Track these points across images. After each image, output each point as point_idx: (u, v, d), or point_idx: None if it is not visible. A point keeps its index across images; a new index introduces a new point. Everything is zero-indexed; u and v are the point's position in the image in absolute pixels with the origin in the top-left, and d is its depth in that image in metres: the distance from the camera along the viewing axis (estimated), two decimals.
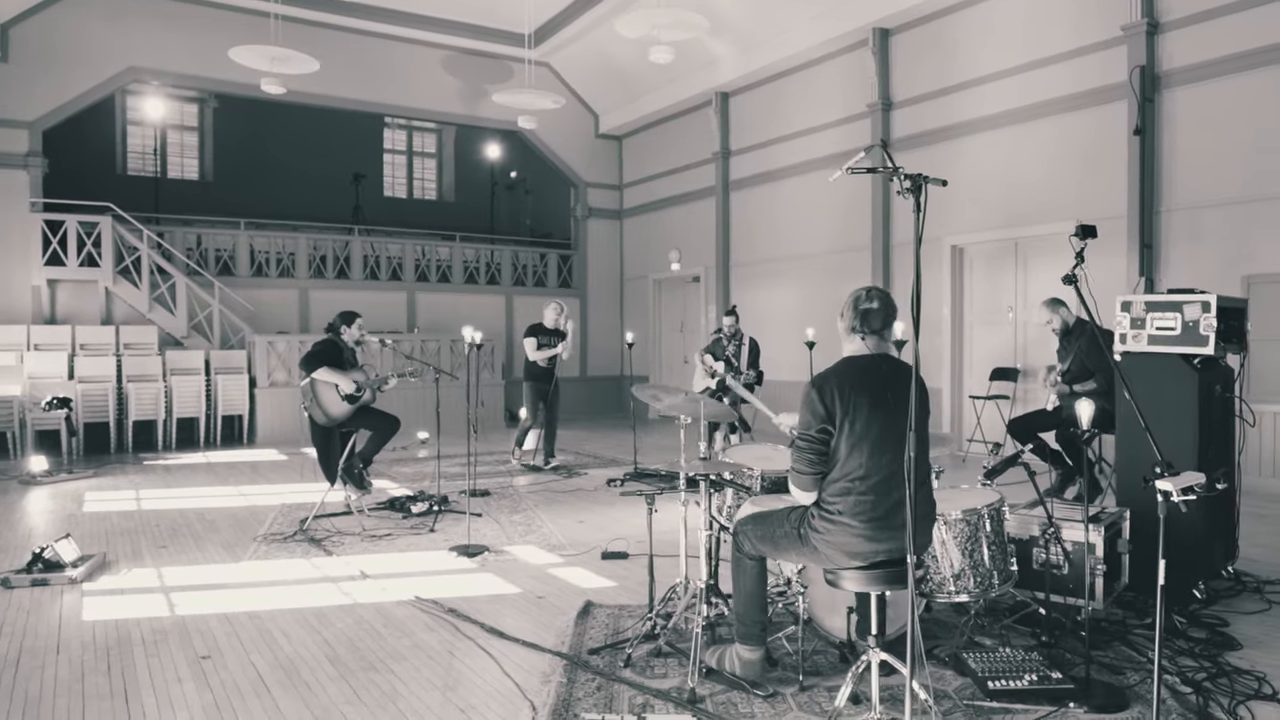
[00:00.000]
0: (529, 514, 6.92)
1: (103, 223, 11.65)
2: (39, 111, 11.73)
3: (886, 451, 2.90)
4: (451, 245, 15.25)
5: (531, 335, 9.04)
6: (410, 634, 4.11)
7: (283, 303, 13.46)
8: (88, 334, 11.62)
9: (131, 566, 5.39)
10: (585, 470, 9.17)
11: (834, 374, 3.01)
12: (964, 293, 10.07)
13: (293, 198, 16.08)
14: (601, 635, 4.02)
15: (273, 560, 5.52)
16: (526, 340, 9.03)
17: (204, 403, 11.48)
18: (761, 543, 3.24)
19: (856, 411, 2.92)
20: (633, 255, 16.05)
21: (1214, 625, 4.03)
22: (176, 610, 4.53)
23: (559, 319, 9.06)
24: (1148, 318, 4.61)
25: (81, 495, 7.93)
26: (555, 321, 9.06)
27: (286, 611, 4.47)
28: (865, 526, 2.91)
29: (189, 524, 6.65)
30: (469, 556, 5.50)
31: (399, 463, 9.79)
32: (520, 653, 3.85)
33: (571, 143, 15.76)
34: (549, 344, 8.97)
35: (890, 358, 3.08)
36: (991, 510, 3.55)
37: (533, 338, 9.02)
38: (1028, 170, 9.16)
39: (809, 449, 2.99)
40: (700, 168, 13.88)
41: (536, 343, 8.98)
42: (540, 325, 9.11)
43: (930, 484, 3.11)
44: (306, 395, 6.26)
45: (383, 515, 6.81)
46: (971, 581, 3.49)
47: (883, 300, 3.07)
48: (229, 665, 3.74)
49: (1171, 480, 2.48)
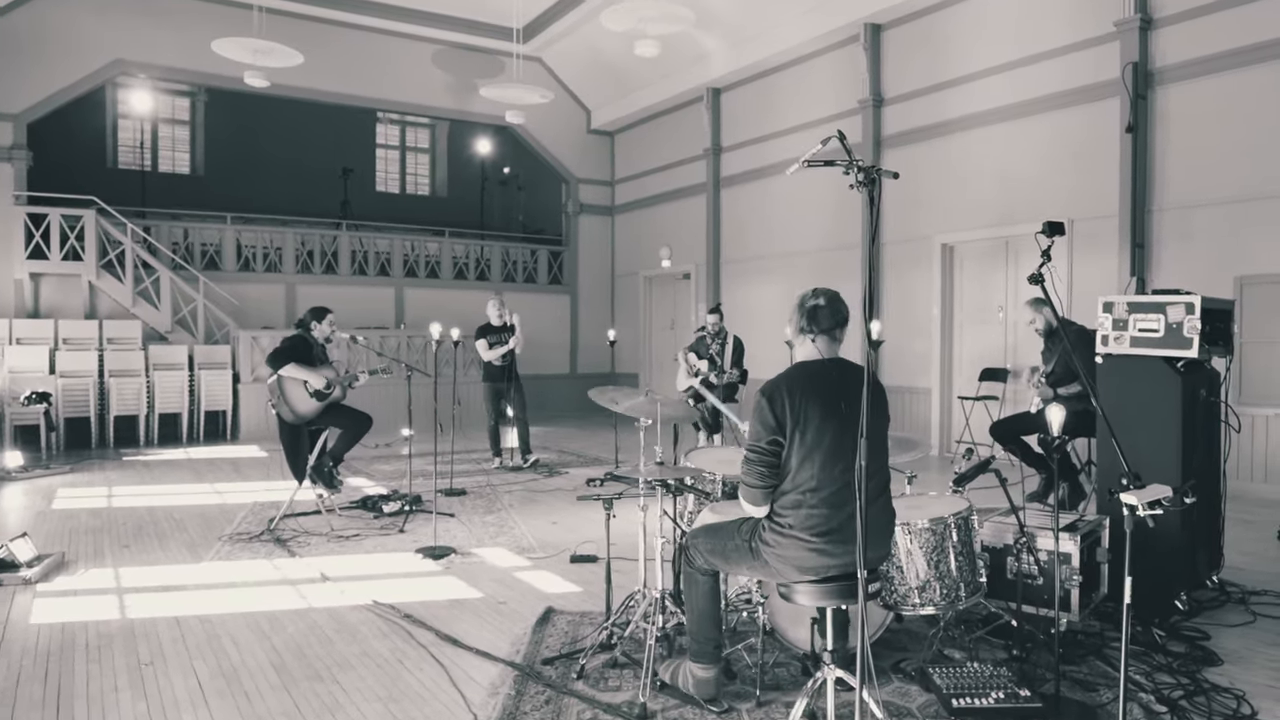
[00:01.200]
0: (503, 514, 6.78)
1: (86, 216, 11.51)
2: (24, 104, 11.59)
3: (839, 462, 2.75)
4: (441, 241, 15.10)
5: (480, 336, 8.89)
6: (362, 641, 3.98)
7: (269, 298, 13.32)
8: (71, 328, 11.48)
9: (90, 567, 5.27)
10: (567, 469, 9.03)
11: (784, 381, 2.85)
12: (954, 292, 9.93)
13: (284, 192, 15.94)
14: (559, 644, 3.89)
15: (234, 561, 5.39)
16: (478, 343, 8.88)
17: (187, 398, 11.36)
18: (713, 556, 3.09)
19: (808, 421, 2.77)
20: (624, 252, 15.90)
21: (1195, 639, 3.89)
22: (127, 613, 4.39)
23: (502, 313, 8.86)
24: (1130, 319, 4.47)
25: (54, 492, 7.80)
26: (500, 317, 8.86)
27: (239, 615, 4.34)
28: (817, 540, 2.77)
29: (156, 522, 6.52)
30: (434, 559, 5.37)
31: (380, 460, 9.66)
32: (472, 662, 3.71)
33: (563, 138, 15.61)
34: (500, 341, 8.81)
35: (843, 361, 2.93)
36: (959, 519, 3.40)
37: (482, 339, 8.87)
38: (1020, 168, 9.01)
39: (759, 461, 2.84)
40: (692, 164, 13.73)
41: (488, 343, 8.84)
42: (488, 324, 8.94)
43: (889, 494, 2.95)
44: (274, 393, 6.12)
45: (354, 515, 6.68)
46: (937, 593, 3.35)
47: (830, 298, 2.92)
48: (170, 673, 3.61)
49: (1137, 493, 2.34)
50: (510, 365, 8.86)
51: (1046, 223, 3.18)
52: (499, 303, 8.95)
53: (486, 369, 8.96)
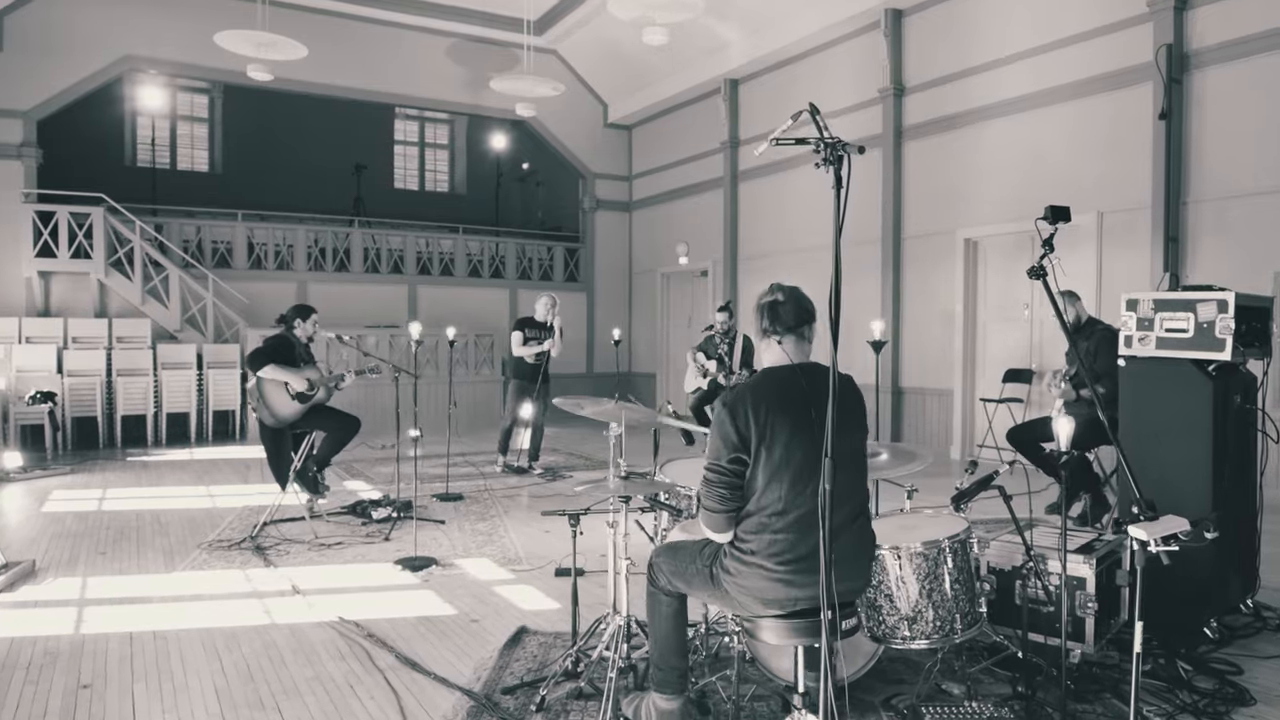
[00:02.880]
0: (495, 521, 6.51)
1: (94, 214, 11.42)
2: (34, 101, 11.53)
3: (811, 482, 2.42)
4: (455, 238, 14.90)
5: (518, 328, 8.42)
6: (317, 663, 3.72)
7: (280, 296, 13.12)
8: (80, 327, 11.42)
9: (59, 575, 5.07)
10: (572, 473, 8.75)
11: (748, 391, 2.53)
12: (977, 288, 9.51)
13: (301, 190, 15.82)
14: (524, 669, 3.60)
15: (207, 571, 5.17)
16: (513, 334, 8.41)
17: (195, 398, 11.25)
18: (675, 578, 2.77)
19: (774, 436, 2.45)
20: (641, 248, 15.59)
21: (1225, 673, 3.51)
22: (82, 628, 4.18)
23: (550, 313, 8.35)
24: (1156, 318, 4.08)
25: (49, 494, 7.67)
26: (546, 315, 8.36)
27: (196, 632, 4.10)
28: (782, 569, 2.44)
29: (140, 527, 6.34)
30: (413, 570, 5.10)
31: (382, 462, 9.44)
32: (428, 689, 3.44)
33: (579, 133, 15.32)
34: (536, 339, 8.37)
35: (815, 367, 2.60)
36: (955, 543, 3.05)
37: (519, 331, 8.39)
38: (1046, 158, 8.57)
39: (719, 482, 2.52)
40: (709, 158, 13.38)
41: (523, 336, 8.35)
42: (530, 319, 8.48)
43: (867, 516, 2.62)
44: (253, 396, 5.90)
45: (342, 521, 6.45)
46: (930, 625, 3.01)
47: (789, 293, 2.61)
48: (106, 697, 3.37)
49: (1148, 526, 2.00)
50: (544, 366, 8.35)
51: (1049, 207, 2.82)
52: (550, 300, 8.40)
53: (517, 365, 8.45)
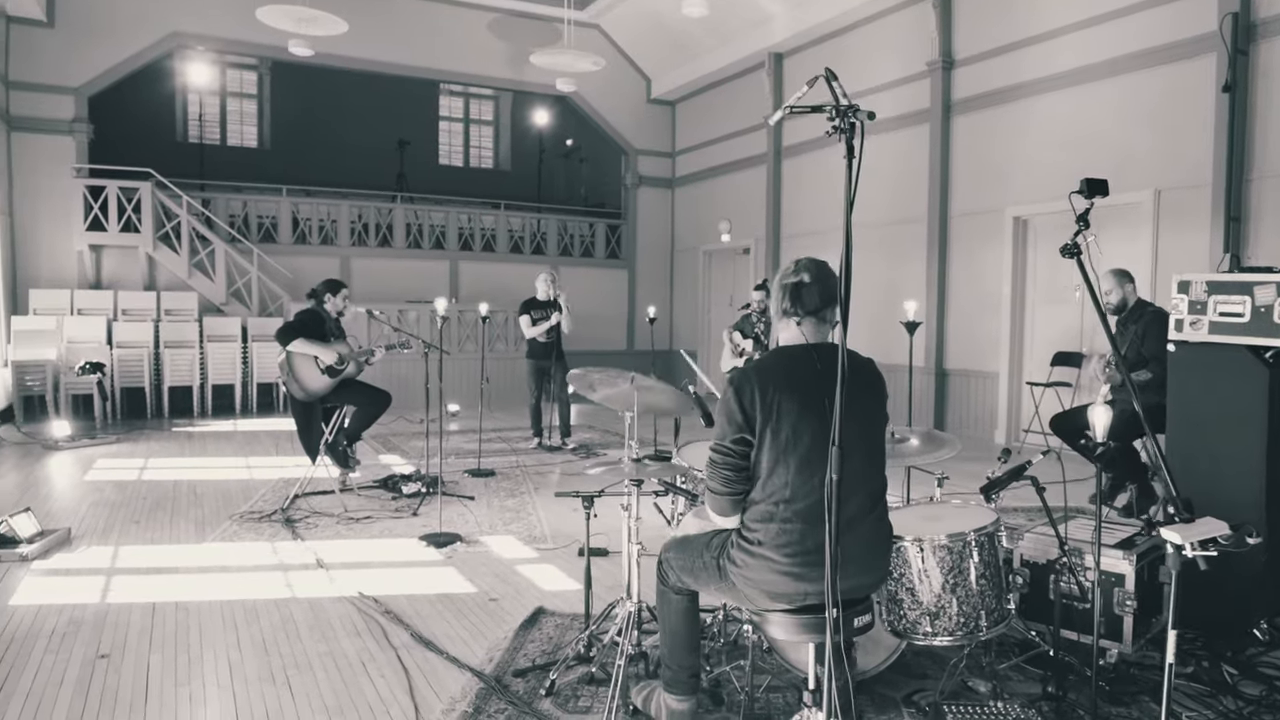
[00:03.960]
0: (524, 498, 6.48)
1: (142, 188, 11.59)
2: (85, 77, 11.69)
3: (819, 469, 2.28)
4: (497, 214, 14.86)
5: (524, 311, 8.50)
6: (332, 638, 3.70)
7: (323, 271, 13.17)
8: (129, 299, 11.64)
9: (92, 544, 5.15)
10: (606, 450, 8.69)
11: (757, 369, 2.40)
12: (1026, 269, 9.19)
13: (346, 165, 15.89)
14: (538, 651, 3.55)
15: (236, 542, 5.21)
16: (520, 318, 8.50)
17: (240, 370, 11.42)
18: (684, 574, 2.65)
19: (781, 418, 2.32)
20: (683, 226, 15.41)
21: (1275, 679, 3.32)
22: (108, 597, 4.22)
23: (550, 289, 8.41)
24: (1210, 301, 3.86)
25: (93, 462, 7.83)
26: (547, 292, 8.43)
27: (217, 604, 4.12)
28: (790, 561, 2.32)
29: (176, 497, 6.42)
30: (437, 547, 5.08)
31: (417, 437, 9.47)
32: (440, 669, 3.40)
33: (622, 108, 15.15)
34: (544, 317, 8.41)
35: (832, 346, 2.44)
36: (981, 536, 2.90)
37: (525, 314, 8.48)
38: (1100, 133, 8.22)
39: (723, 463, 2.41)
40: (753, 134, 13.13)
41: (530, 319, 8.44)
42: (533, 299, 8.54)
43: (884, 507, 2.49)
44: (283, 370, 5.91)
45: (373, 495, 6.47)
46: (953, 622, 2.87)
47: (817, 273, 2.44)
48: (122, 668, 3.39)
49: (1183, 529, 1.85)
50: (555, 343, 8.48)
51: (1085, 180, 2.62)
52: (549, 277, 8.51)
53: (530, 345, 8.60)
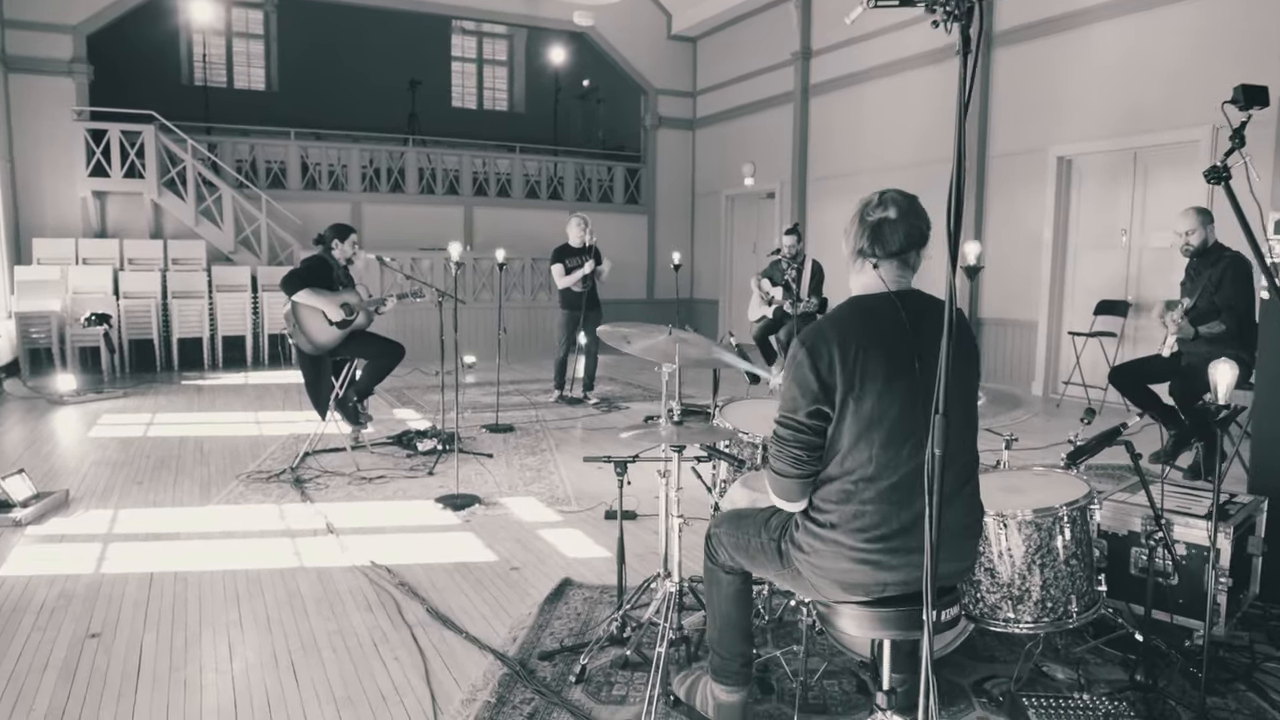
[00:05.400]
0: (545, 456, 6.17)
1: (145, 132, 11.18)
2: (82, 15, 11.22)
3: (909, 440, 1.93)
4: (512, 158, 14.37)
5: (557, 260, 7.99)
6: (342, 614, 3.42)
7: (334, 217, 12.45)
8: (135, 248, 11.31)
9: (91, 507, 4.89)
10: (628, 404, 8.36)
11: (832, 326, 2.01)
12: (1070, 212, 8.70)
13: (357, 108, 15.42)
14: (565, 629, 3.25)
15: (241, 505, 4.93)
16: (553, 267, 8.00)
17: (250, 320, 11.13)
18: (737, 552, 2.31)
19: (865, 383, 1.93)
20: (705, 169, 14.88)
21: None
22: (103, 566, 3.95)
23: (584, 234, 7.91)
24: None
25: (98, 418, 7.57)
26: (582, 239, 7.93)
27: (219, 574, 3.84)
28: (869, 548, 1.97)
29: (182, 455, 6.16)
30: (455, 510, 4.79)
31: (433, 391, 9.18)
32: (459, 650, 3.10)
33: (641, 45, 14.53)
34: (579, 265, 7.91)
35: (918, 295, 2.07)
36: (1074, 511, 2.54)
37: (559, 263, 7.97)
38: (1156, 64, 7.66)
39: (794, 440, 2.02)
40: (778, 71, 12.53)
41: (564, 267, 7.93)
42: (566, 246, 8.03)
43: (975, 483, 2.12)
44: (290, 321, 5.57)
45: (386, 452, 6.18)
46: (1039, 607, 2.54)
47: (903, 206, 2.04)
48: (113, 649, 3.11)
49: None
50: (591, 292, 8.02)
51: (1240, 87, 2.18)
52: (582, 222, 7.97)
53: (564, 295, 8.07)
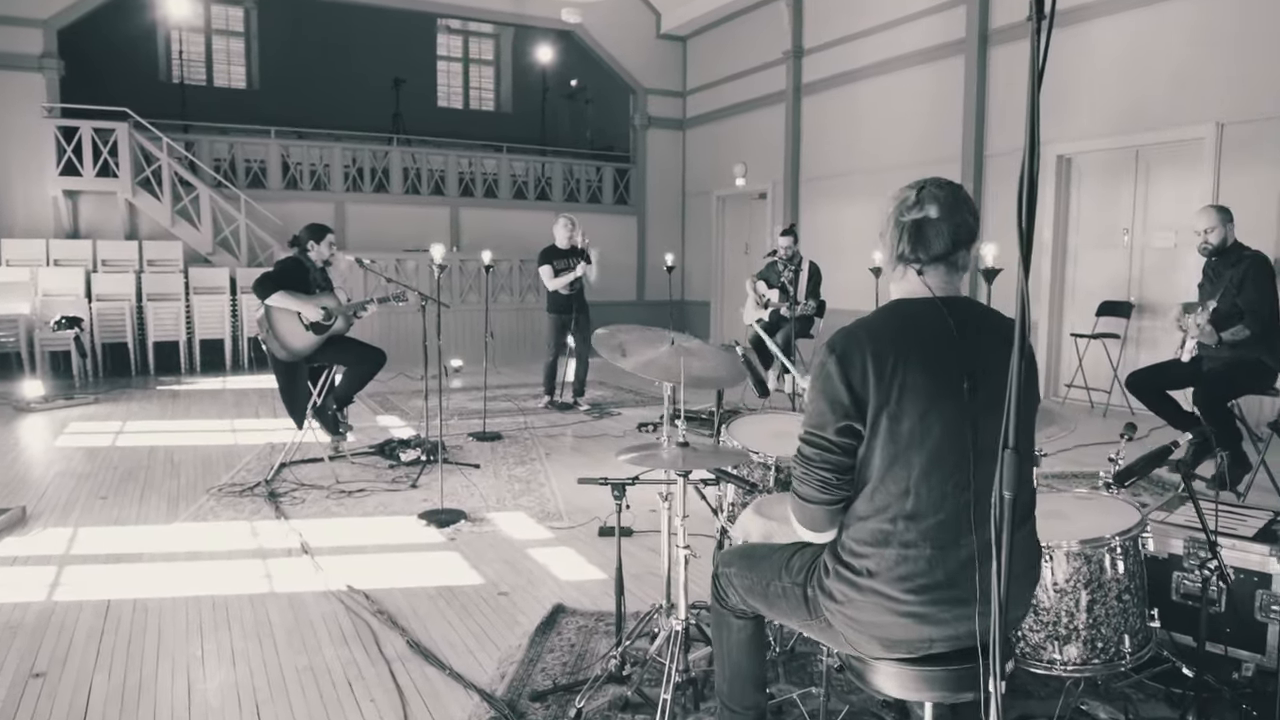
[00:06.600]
0: (534, 466, 5.89)
1: (119, 129, 10.83)
2: (53, 9, 10.88)
3: (955, 473, 1.67)
4: (499, 157, 14.08)
5: (545, 261, 7.73)
6: (314, 648, 3.13)
7: (316, 217, 12.07)
8: (109, 249, 10.95)
9: (49, 524, 4.58)
10: (620, 410, 8.10)
11: (868, 331, 1.73)
12: (1069, 211, 8.49)
13: (340, 106, 15.07)
14: (558, 665, 2.98)
15: (211, 522, 4.63)
16: (541, 269, 7.74)
17: (229, 323, 10.80)
18: (751, 596, 2.03)
19: (905, 400, 1.66)
20: (695, 169, 14.64)
21: None
22: (56, 594, 3.65)
23: (573, 235, 7.69)
24: None
25: (65, 426, 7.25)
26: (569, 239, 7.71)
27: (183, 601, 3.55)
28: (914, 600, 1.69)
29: (151, 466, 5.85)
30: (439, 526, 4.51)
31: (418, 396, 8.86)
32: (443, 689, 2.83)
33: (630, 44, 14.27)
34: (567, 267, 7.69)
35: (968, 303, 1.79)
36: (1126, 541, 2.29)
37: (547, 264, 7.71)
38: (1159, 60, 7.46)
39: (821, 461, 1.75)
40: (770, 70, 12.29)
41: (553, 269, 7.69)
42: (553, 247, 7.78)
43: (1033, 520, 1.86)
44: (262, 326, 5.29)
45: (368, 463, 5.89)
46: (1089, 648, 2.28)
47: (947, 204, 1.73)
48: (58, 692, 2.82)
49: None
50: (578, 294, 7.80)
51: None
52: (569, 223, 7.74)
53: (552, 298, 7.84)
